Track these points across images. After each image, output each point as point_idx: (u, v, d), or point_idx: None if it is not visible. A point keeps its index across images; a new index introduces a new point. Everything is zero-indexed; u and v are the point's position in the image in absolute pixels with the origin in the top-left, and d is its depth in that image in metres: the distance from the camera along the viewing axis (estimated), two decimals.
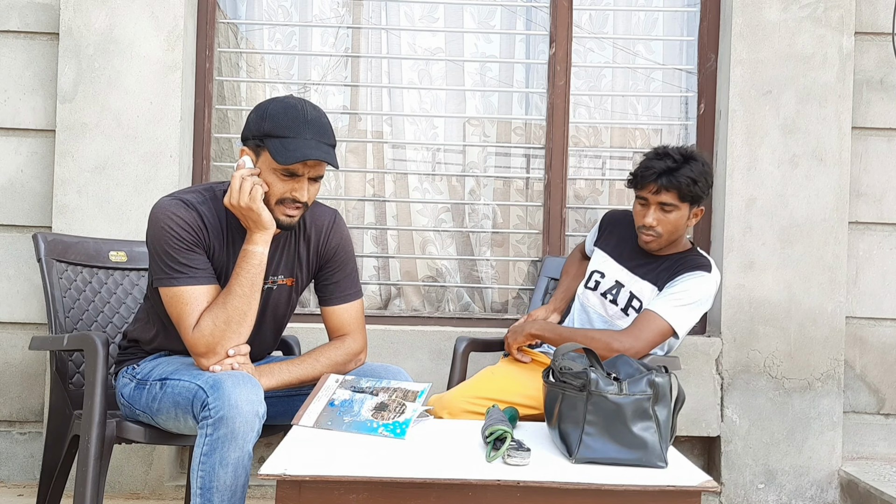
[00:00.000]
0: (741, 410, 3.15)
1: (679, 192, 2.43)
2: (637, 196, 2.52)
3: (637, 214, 2.53)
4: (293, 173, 1.97)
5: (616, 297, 2.55)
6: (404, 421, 1.85)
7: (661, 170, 2.43)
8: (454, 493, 1.56)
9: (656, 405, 1.70)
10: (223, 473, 1.78)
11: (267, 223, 1.98)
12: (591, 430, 1.69)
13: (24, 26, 3.09)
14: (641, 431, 1.68)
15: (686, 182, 2.42)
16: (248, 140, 2.01)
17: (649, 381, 1.71)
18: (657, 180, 2.43)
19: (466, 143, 3.39)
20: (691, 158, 2.46)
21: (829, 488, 3.15)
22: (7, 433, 3.13)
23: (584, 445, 1.69)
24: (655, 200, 2.46)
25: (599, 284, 2.60)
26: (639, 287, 2.53)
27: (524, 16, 3.38)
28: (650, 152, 2.53)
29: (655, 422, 1.69)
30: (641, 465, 1.67)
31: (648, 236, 2.50)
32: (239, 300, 1.97)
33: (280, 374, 2.05)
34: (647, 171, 2.46)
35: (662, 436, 1.69)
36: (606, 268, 2.62)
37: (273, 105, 1.99)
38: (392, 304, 3.37)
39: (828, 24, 3.14)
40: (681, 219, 2.48)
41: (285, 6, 3.35)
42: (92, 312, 2.52)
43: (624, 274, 2.57)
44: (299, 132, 1.94)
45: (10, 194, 3.10)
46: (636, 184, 2.50)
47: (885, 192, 3.27)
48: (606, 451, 1.68)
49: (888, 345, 3.29)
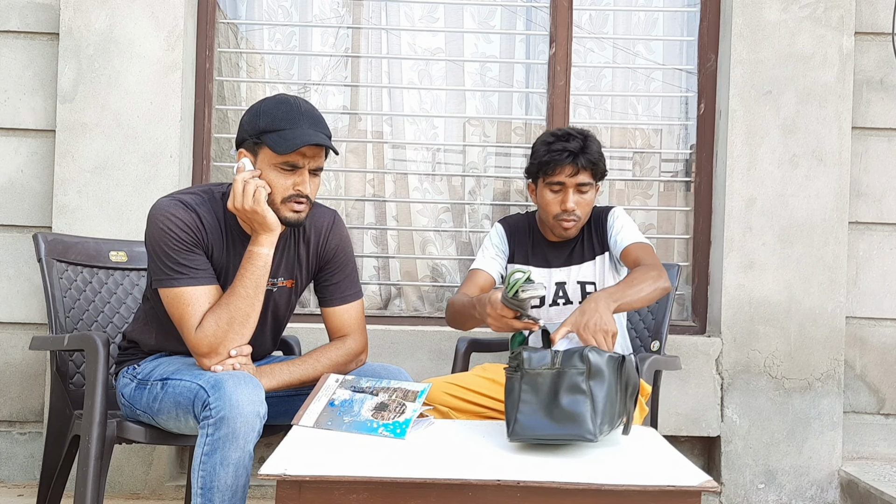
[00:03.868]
0: (741, 410, 3.15)
1: (594, 170, 2.40)
2: (549, 183, 2.41)
3: (552, 203, 2.42)
4: (294, 165, 1.98)
5: (567, 296, 2.49)
6: (404, 421, 1.85)
7: (576, 150, 2.36)
8: (454, 493, 1.55)
9: (591, 380, 1.72)
10: (224, 473, 1.78)
11: (272, 224, 1.98)
12: (525, 408, 1.72)
13: (24, 26, 3.09)
14: (571, 405, 1.70)
15: (597, 157, 2.39)
16: (244, 142, 2.02)
17: (581, 355, 1.73)
18: (574, 161, 2.36)
19: (466, 144, 3.39)
20: (589, 135, 2.42)
21: (830, 488, 3.15)
22: (7, 433, 3.13)
23: (517, 423, 1.72)
24: (573, 183, 2.38)
25: (544, 298, 2.49)
26: (583, 273, 2.48)
27: (524, 16, 3.38)
28: (547, 137, 2.44)
29: (590, 397, 1.71)
30: (572, 439, 1.70)
31: (570, 222, 2.42)
32: (242, 301, 1.97)
33: (281, 374, 2.05)
34: (560, 155, 2.36)
35: (596, 410, 1.70)
36: (539, 278, 2.48)
37: (265, 103, 2.01)
38: (392, 304, 3.38)
39: (828, 24, 3.14)
40: (593, 198, 2.45)
41: (285, 6, 3.35)
42: (92, 312, 2.53)
43: (560, 272, 2.50)
44: (296, 123, 1.96)
45: (11, 194, 3.11)
46: (546, 171, 2.40)
47: (885, 192, 3.27)
48: (539, 428, 1.71)
49: (888, 345, 3.29)
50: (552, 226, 2.47)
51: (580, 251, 2.50)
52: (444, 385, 2.33)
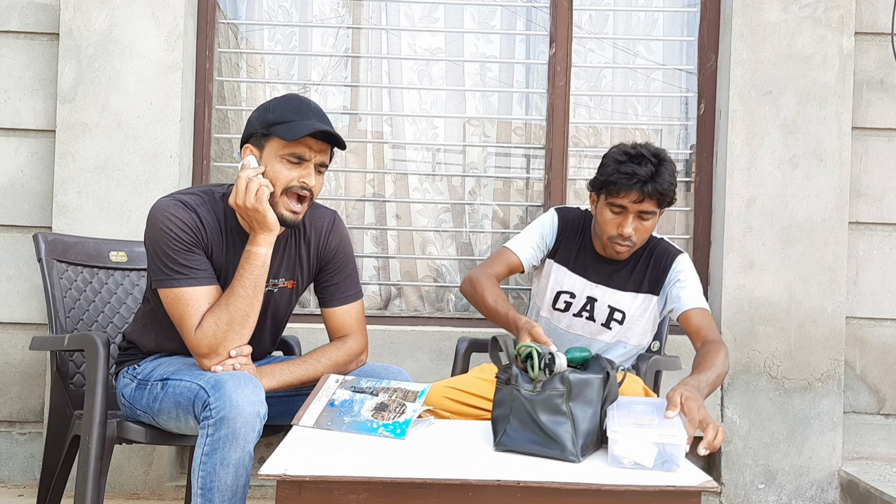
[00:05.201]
0: (741, 410, 3.15)
1: (661, 199, 2.26)
2: (611, 203, 2.28)
3: (609, 224, 2.30)
4: (301, 157, 1.99)
5: (592, 313, 2.41)
6: (404, 421, 1.85)
7: (645, 177, 2.22)
8: (454, 493, 1.55)
9: (572, 402, 1.72)
10: (224, 474, 1.78)
11: (272, 224, 1.99)
12: (514, 421, 1.74)
13: (24, 26, 3.09)
14: (552, 426, 1.71)
15: (668, 187, 2.24)
16: (251, 137, 2.03)
17: (562, 378, 1.73)
18: (642, 189, 2.22)
19: (466, 144, 3.39)
20: (664, 159, 2.27)
21: (830, 488, 3.15)
22: (7, 433, 3.13)
23: (506, 435, 1.75)
24: (636, 210, 2.26)
25: (571, 305, 2.43)
26: (616, 299, 2.40)
27: (524, 16, 3.38)
28: (619, 154, 2.28)
29: (570, 418, 1.71)
30: (556, 459, 1.70)
31: (623, 247, 2.31)
32: (242, 301, 1.97)
33: (281, 374, 2.05)
34: (629, 179, 2.22)
35: (578, 432, 1.70)
36: (573, 285, 2.43)
37: (274, 100, 2.05)
38: (392, 304, 3.38)
39: (828, 25, 3.14)
40: (654, 224, 2.33)
41: (285, 6, 3.36)
42: (92, 312, 2.52)
43: (596, 289, 2.41)
44: (305, 115, 2.00)
45: (11, 194, 3.11)
46: (610, 190, 2.26)
47: (885, 193, 3.27)
48: (524, 443, 1.73)
49: (888, 345, 3.29)
50: (605, 244, 2.37)
51: (626, 278, 2.40)
52: (443, 389, 2.33)
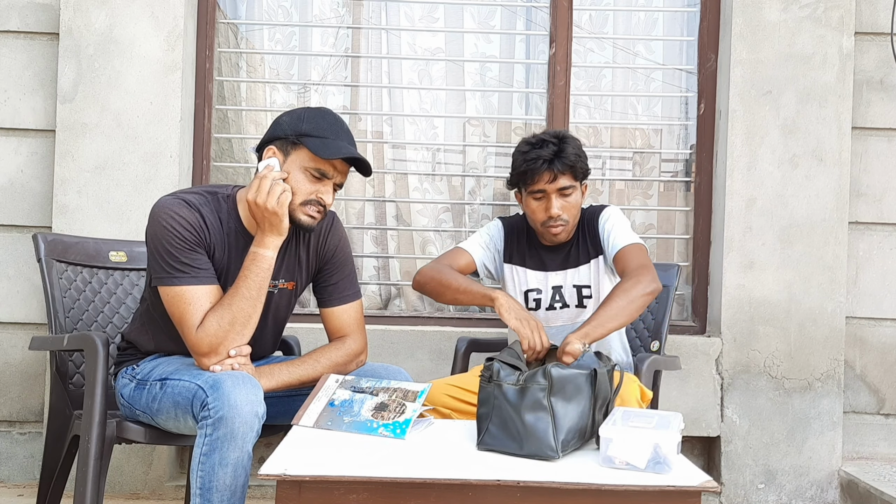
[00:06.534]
0: (741, 410, 3.15)
1: (573, 172, 2.37)
2: (530, 192, 2.39)
3: (537, 210, 2.40)
4: (324, 174, 2.02)
5: (564, 300, 2.47)
6: (404, 421, 1.85)
7: (550, 156, 2.34)
8: (454, 493, 1.56)
9: (553, 396, 1.72)
10: (223, 473, 1.78)
11: (283, 230, 2.00)
12: (496, 420, 1.74)
13: (24, 26, 3.09)
14: (533, 421, 1.71)
15: (575, 159, 2.36)
16: (278, 139, 2.03)
17: (545, 371, 1.73)
18: (550, 167, 2.34)
19: (466, 144, 3.39)
20: (565, 136, 2.39)
21: (829, 488, 3.15)
22: (7, 433, 3.13)
23: (488, 434, 1.75)
24: (554, 189, 2.36)
25: (541, 301, 2.48)
26: (578, 277, 2.46)
27: (524, 16, 3.38)
28: (523, 146, 2.41)
29: (551, 413, 1.71)
30: (535, 457, 1.70)
31: (558, 227, 2.40)
32: (245, 302, 1.97)
33: (280, 374, 2.05)
34: (535, 163, 2.34)
35: (558, 427, 1.71)
36: (537, 281, 2.49)
37: (308, 110, 2.07)
38: (392, 304, 3.38)
39: (828, 24, 3.14)
40: (579, 199, 2.42)
41: (285, 6, 3.35)
42: (92, 312, 2.52)
43: (557, 276, 2.48)
44: (339, 136, 2.03)
45: (10, 194, 3.11)
46: (525, 180, 2.38)
47: (885, 192, 3.27)
48: (503, 444, 1.73)
49: (888, 345, 3.29)
50: (542, 233, 2.46)
51: (575, 254, 2.48)
52: (443, 387, 2.33)
